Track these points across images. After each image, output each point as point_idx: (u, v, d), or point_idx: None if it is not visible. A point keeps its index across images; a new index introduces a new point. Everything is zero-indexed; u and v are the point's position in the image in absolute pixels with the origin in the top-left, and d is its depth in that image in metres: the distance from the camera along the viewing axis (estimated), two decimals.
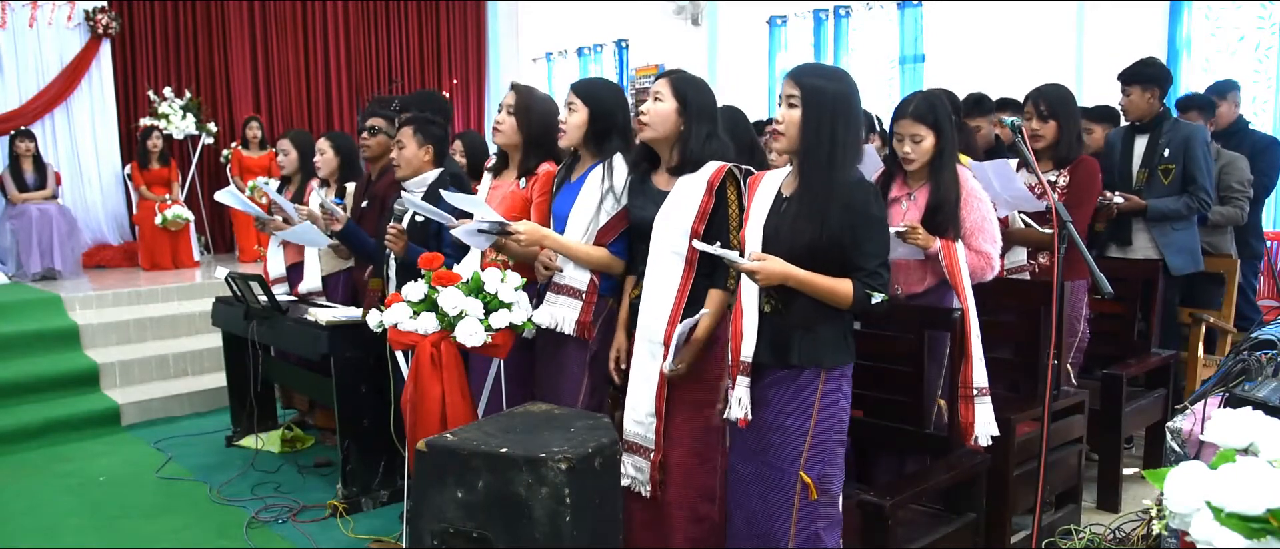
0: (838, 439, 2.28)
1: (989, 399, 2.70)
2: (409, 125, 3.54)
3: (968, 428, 2.69)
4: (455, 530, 1.99)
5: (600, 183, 2.77)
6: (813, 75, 2.24)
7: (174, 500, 3.94)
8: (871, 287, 2.17)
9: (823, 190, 2.18)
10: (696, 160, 2.56)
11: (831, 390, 2.25)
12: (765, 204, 2.32)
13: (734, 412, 2.28)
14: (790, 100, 2.21)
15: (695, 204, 2.51)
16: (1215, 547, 1.19)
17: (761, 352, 2.26)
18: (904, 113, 2.90)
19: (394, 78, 10.12)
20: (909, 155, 2.89)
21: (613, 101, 2.85)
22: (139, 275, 7.30)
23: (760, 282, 2.19)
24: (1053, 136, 3.55)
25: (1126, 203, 3.97)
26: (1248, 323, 4.38)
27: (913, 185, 2.96)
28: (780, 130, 2.24)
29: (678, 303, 2.52)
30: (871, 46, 7.76)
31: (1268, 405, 1.83)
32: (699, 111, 2.58)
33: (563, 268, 2.79)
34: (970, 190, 2.89)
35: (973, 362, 2.69)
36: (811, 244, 2.18)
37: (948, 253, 2.79)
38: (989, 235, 2.87)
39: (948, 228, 2.82)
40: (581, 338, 2.77)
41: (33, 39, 7.79)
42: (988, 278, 2.89)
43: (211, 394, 5.36)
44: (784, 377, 2.27)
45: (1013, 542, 2.99)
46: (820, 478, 2.25)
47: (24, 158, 7.28)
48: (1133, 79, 4.10)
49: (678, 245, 2.52)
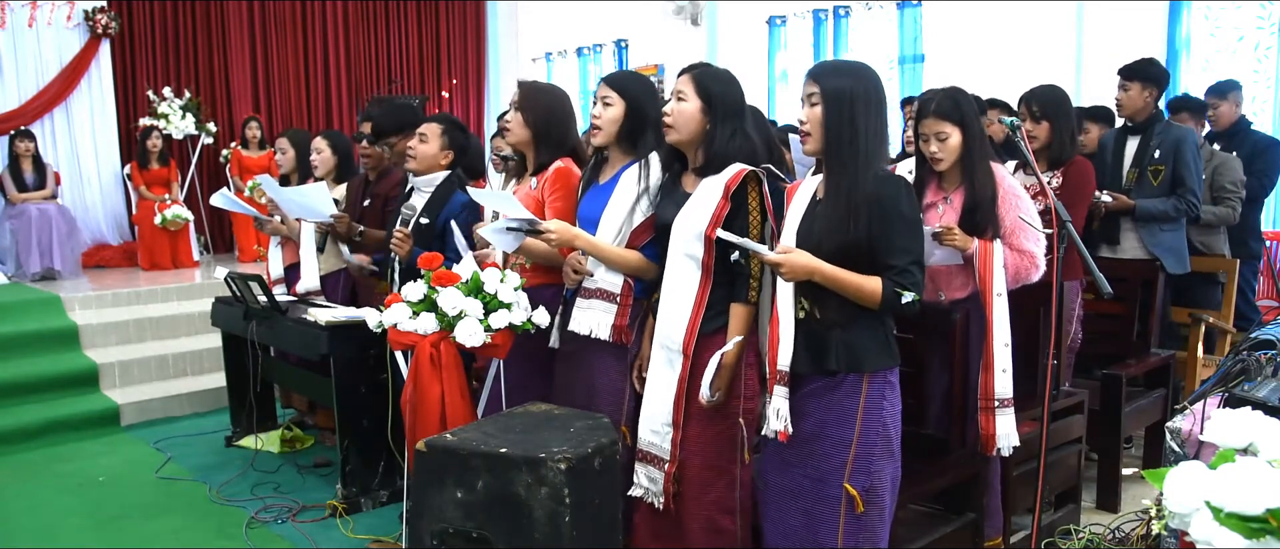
0: (884, 449, 2.17)
1: (1011, 410, 2.67)
2: (438, 124, 3.56)
3: (989, 439, 2.66)
4: (455, 530, 1.99)
5: (637, 182, 2.64)
6: (831, 72, 2.20)
7: (174, 500, 3.94)
8: (902, 285, 2.09)
9: (848, 187, 2.12)
10: (721, 160, 2.44)
11: (875, 397, 2.15)
12: (801, 207, 2.27)
13: (773, 424, 2.18)
14: (811, 99, 2.17)
15: (711, 208, 2.40)
16: (1215, 547, 1.19)
17: (798, 359, 2.18)
18: (927, 112, 2.79)
19: (394, 78, 10.12)
20: (937, 154, 2.78)
21: (647, 95, 2.72)
22: (138, 275, 7.29)
23: (785, 275, 2.14)
24: (1046, 138, 3.55)
25: (1115, 202, 3.98)
26: (1247, 323, 4.38)
27: (948, 188, 2.84)
28: (807, 130, 2.19)
29: (696, 310, 2.43)
30: (871, 46, 7.77)
31: (1267, 405, 1.83)
32: (725, 109, 2.46)
33: (593, 272, 2.67)
34: (1008, 188, 2.78)
35: (994, 373, 2.64)
36: (840, 243, 2.11)
37: (983, 255, 2.69)
38: (1031, 234, 2.75)
39: (986, 227, 2.72)
40: (618, 343, 2.64)
41: (32, 39, 7.79)
42: (1033, 278, 2.78)
43: (211, 394, 5.36)
44: (824, 385, 2.17)
45: (1012, 542, 2.99)
46: (866, 490, 2.14)
47: (23, 158, 7.28)
48: (1134, 75, 4.10)
49: (693, 249, 2.43)
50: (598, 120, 2.69)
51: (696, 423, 2.45)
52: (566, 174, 2.87)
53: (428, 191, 3.54)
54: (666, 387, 2.46)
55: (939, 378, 2.76)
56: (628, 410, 2.65)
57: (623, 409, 2.65)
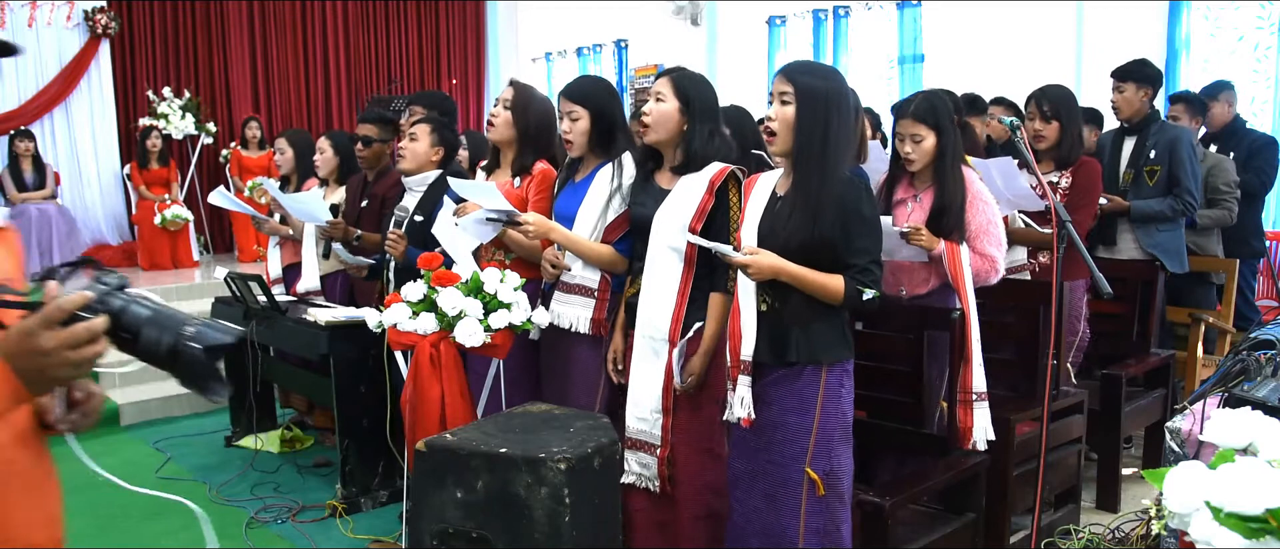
0: (843, 434, 2.28)
1: (987, 404, 2.70)
2: (427, 123, 3.56)
3: (966, 432, 2.69)
4: (454, 530, 1.99)
5: (610, 180, 2.76)
6: (805, 73, 2.25)
7: (173, 500, 3.94)
8: (862, 283, 2.19)
9: (816, 187, 2.19)
10: (700, 159, 2.55)
11: (834, 386, 2.26)
12: (760, 204, 2.33)
13: (736, 411, 2.28)
14: (784, 98, 2.22)
15: (695, 203, 2.50)
16: (1214, 547, 1.19)
17: (761, 350, 2.27)
18: (904, 113, 2.89)
19: (393, 78, 10.12)
20: (910, 155, 2.88)
21: (608, 99, 2.83)
22: (138, 275, 7.30)
23: (752, 275, 2.22)
24: (1055, 138, 3.55)
25: (1111, 204, 3.98)
26: (1247, 323, 4.38)
27: (918, 187, 2.94)
28: (774, 128, 2.24)
29: (680, 300, 2.52)
30: (870, 46, 7.76)
31: (1267, 405, 1.82)
32: (702, 110, 2.57)
33: (571, 266, 2.78)
34: (976, 193, 2.87)
35: (972, 366, 2.69)
36: (805, 242, 2.20)
37: (951, 255, 2.78)
38: (994, 239, 2.85)
39: (953, 230, 2.80)
40: (596, 335, 2.77)
41: (32, 39, 7.78)
42: (992, 281, 2.89)
43: None
44: (784, 375, 2.27)
45: (1012, 542, 2.99)
46: (827, 474, 2.25)
47: (23, 158, 7.28)
48: (1128, 76, 4.10)
49: (677, 242, 2.52)
50: (568, 135, 2.81)
51: (685, 409, 2.55)
52: (548, 174, 3.00)
53: (420, 191, 3.55)
54: (653, 375, 2.55)
55: (939, 377, 2.77)
56: (603, 399, 2.77)
57: (598, 397, 2.77)
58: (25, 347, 1.12)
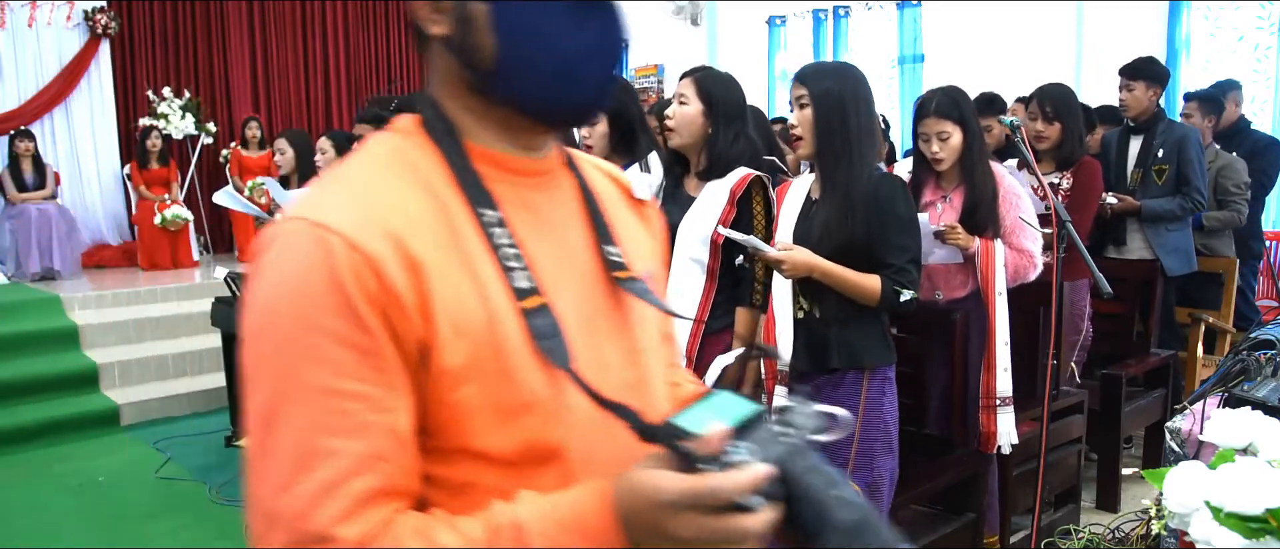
0: (885, 445, 2.22)
1: (1011, 408, 2.68)
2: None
3: (990, 437, 2.67)
4: None
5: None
6: (818, 74, 2.23)
7: (173, 500, 3.94)
8: (899, 283, 2.13)
9: (844, 183, 2.15)
10: (724, 163, 2.45)
11: (876, 393, 2.20)
12: (794, 209, 2.29)
13: None
14: (800, 101, 2.20)
15: (716, 212, 2.41)
16: (1214, 547, 1.19)
17: (798, 357, 2.21)
18: (927, 111, 2.78)
19: (393, 78, 10.12)
20: (938, 154, 2.77)
21: (624, 98, 2.72)
22: (138, 275, 7.29)
23: (787, 272, 2.16)
24: (1057, 138, 3.52)
25: (1120, 204, 3.97)
26: (1247, 323, 4.37)
27: (946, 187, 2.84)
28: (799, 134, 2.21)
29: (701, 314, 2.44)
30: (870, 46, 7.76)
31: (1267, 405, 1.82)
32: (726, 112, 2.46)
33: None
34: (1008, 187, 2.79)
35: (996, 371, 2.65)
36: (839, 243, 2.14)
37: (985, 254, 2.70)
38: (1030, 233, 2.77)
39: (987, 226, 2.73)
40: None
41: (32, 39, 7.79)
42: (1031, 276, 2.80)
43: (211, 394, 5.36)
44: (824, 382, 2.21)
45: (1012, 542, 2.99)
46: (868, 486, 2.18)
47: (23, 158, 7.28)
48: (1138, 74, 4.08)
49: (698, 253, 2.44)
50: (587, 140, 2.71)
51: None
52: None
53: None
54: None
55: (939, 377, 2.76)
56: None
57: None
58: (650, 521, 0.72)
